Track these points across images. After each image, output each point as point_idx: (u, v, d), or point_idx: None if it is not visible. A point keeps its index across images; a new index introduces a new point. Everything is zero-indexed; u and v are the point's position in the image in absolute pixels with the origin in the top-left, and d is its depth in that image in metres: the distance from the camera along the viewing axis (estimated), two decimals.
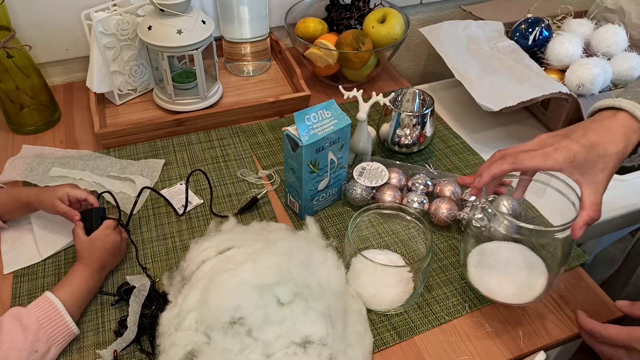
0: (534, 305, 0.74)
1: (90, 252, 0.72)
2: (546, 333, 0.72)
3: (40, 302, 0.65)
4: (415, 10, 1.37)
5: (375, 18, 1.10)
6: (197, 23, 0.95)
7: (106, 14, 0.96)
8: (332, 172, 0.84)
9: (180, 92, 1.04)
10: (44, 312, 0.64)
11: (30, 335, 0.61)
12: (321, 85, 1.16)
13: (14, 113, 1.00)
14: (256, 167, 0.96)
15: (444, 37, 1.12)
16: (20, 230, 0.82)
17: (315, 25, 1.13)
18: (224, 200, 0.89)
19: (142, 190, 0.82)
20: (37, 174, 0.90)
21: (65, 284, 0.68)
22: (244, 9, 1.07)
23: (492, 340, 0.71)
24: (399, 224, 0.83)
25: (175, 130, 1.01)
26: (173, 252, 0.80)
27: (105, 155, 0.96)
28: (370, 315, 0.73)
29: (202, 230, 0.84)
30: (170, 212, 0.86)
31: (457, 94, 1.17)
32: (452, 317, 0.73)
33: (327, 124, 0.78)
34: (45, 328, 0.63)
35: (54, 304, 0.65)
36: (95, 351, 0.67)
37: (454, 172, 0.95)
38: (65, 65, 1.15)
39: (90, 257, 0.72)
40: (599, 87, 0.99)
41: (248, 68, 1.17)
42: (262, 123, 1.05)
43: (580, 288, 0.77)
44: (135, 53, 1.04)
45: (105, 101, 1.07)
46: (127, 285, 0.72)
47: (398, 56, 1.45)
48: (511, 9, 1.24)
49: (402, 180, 0.88)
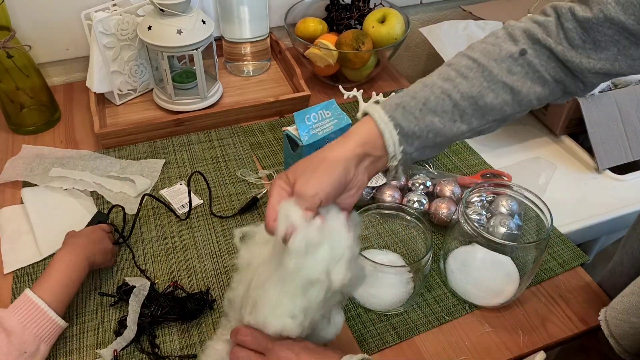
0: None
1: (74, 238, 0.72)
2: (546, 333, 0.72)
3: (20, 302, 0.63)
4: (415, 10, 1.37)
5: (375, 18, 1.10)
6: (197, 23, 0.95)
7: (106, 14, 0.96)
8: None
9: (180, 92, 1.04)
10: (25, 313, 0.62)
11: (16, 338, 0.60)
12: (321, 85, 1.16)
13: (14, 113, 1.00)
14: (256, 167, 0.96)
15: (444, 37, 1.12)
16: (19, 230, 0.82)
17: (315, 25, 1.13)
18: (224, 200, 0.89)
19: (143, 199, 0.83)
20: (37, 174, 0.90)
21: (44, 279, 0.66)
22: (244, 9, 1.07)
23: (492, 340, 0.71)
24: (399, 224, 0.83)
25: (175, 130, 1.01)
26: (173, 252, 0.80)
27: (105, 155, 0.96)
28: (370, 315, 0.73)
29: (202, 230, 0.84)
30: (170, 212, 0.86)
31: None
32: (452, 317, 0.73)
33: (327, 124, 0.78)
34: (30, 328, 0.62)
35: (35, 302, 0.63)
36: (95, 351, 0.67)
37: (454, 172, 0.95)
38: (65, 65, 1.15)
39: (73, 243, 0.71)
40: (598, 87, 0.99)
41: (248, 68, 1.17)
42: (262, 123, 1.05)
43: (580, 288, 0.77)
44: (135, 53, 1.04)
45: (105, 101, 1.07)
46: (126, 285, 0.72)
47: (398, 56, 1.45)
48: (511, 9, 1.24)
49: (402, 180, 0.88)
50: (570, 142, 1.04)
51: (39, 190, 0.87)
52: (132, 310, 0.68)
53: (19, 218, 0.84)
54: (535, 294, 0.76)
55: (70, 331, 0.69)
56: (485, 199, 0.82)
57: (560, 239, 0.84)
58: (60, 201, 0.86)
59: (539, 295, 0.76)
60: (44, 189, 0.87)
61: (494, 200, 0.82)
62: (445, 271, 0.77)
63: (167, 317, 0.70)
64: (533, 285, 0.77)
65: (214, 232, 0.83)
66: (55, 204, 0.85)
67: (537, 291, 0.77)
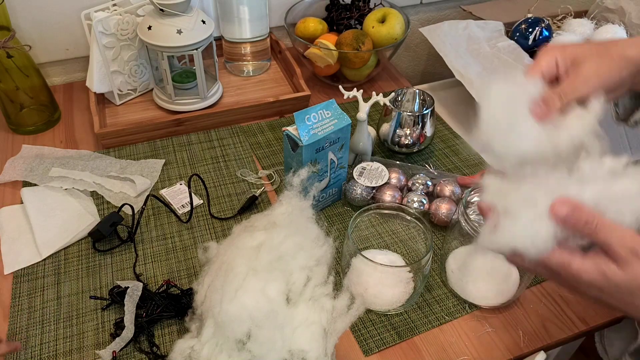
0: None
1: None
2: (546, 333, 0.72)
3: None
4: (415, 10, 1.37)
5: (375, 18, 1.10)
6: (197, 23, 0.95)
7: (106, 14, 0.96)
8: (332, 172, 0.84)
9: (180, 92, 1.04)
10: None
11: None
12: (321, 85, 1.16)
13: (14, 113, 1.00)
14: (256, 167, 0.96)
15: (444, 37, 1.12)
16: (19, 230, 0.82)
17: (315, 25, 1.13)
18: (224, 200, 0.89)
19: (147, 198, 0.83)
20: (36, 174, 0.90)
21: None
22: (244, 8, 1.07)
23: (492, 340, 0.71)
24: (399, 224, 0.83)
25: (175, 130, 1.01)
26: (173, 252, 0.80)
27: (105, 155, 0.96)
28: (370, 315, 0.73)
29: (202, 230, 0.84)
30: (170, 212, 0.86)
31: (457, 94, 1.17)
32: (452, 317, 0.73)
33: (327, 124, 0.78)
34: None
35: None
36: (95, 352, 0.67)
37: (454, 172, 0.95)
38: (65, 65, 1.15)
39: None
40: None
41: (248, 68, 1.17)
42: (262, 123, 1.05)
43: None
44: (135, 53, 1.04)
45: (105, 101, 1.07)
46: (119, 288, 0.72)
47: (398, 56, 1.45)
48: (511, 9, 1.24)
49: (402, 180, 0.88)
50: None
51: (38, 190, 0.87)
52: (128, 310, 0.68)
53: (19, 218, 0.84)
54: (535, 294, 0.76)
55: (70, 331, 0.69)
56: None
57: None
58: (60, 201, 0.86)
59: (539, 295, 0.76)
60: (43, 188, 0.87)
61: None
62: (445, 271, 0.77)
63: (162, 315, 0.70)
64: (533, 285, 0.77)
65: (214, 232, 0.83)
66: (55, 203, 0.85)
67: (537, 291, 0.77)
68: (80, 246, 0.80)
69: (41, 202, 0.85)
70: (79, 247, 0.80)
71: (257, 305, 0.55)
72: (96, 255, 0.79)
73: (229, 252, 0.61)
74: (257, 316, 0.55)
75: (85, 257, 0.79)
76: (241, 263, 0.58)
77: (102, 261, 0.78)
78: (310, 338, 0.57)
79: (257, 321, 0.55)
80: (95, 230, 0.78)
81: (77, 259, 0.78)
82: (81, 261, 0.78)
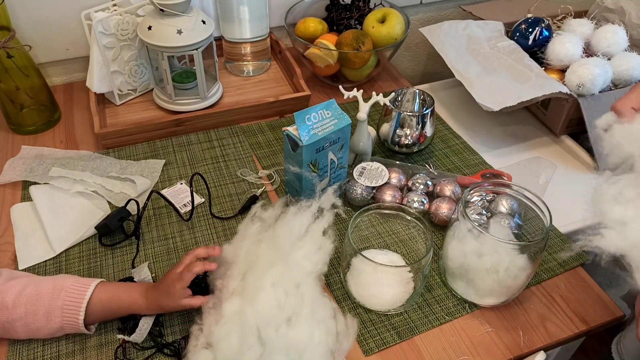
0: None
1: (165, 292, 0.67)
2: (546, 333, 0.72)
3: (80, 281, 0.67)
4: (415, 10, 1.37)
5: (375, 18, 1.10)
6: (197, 23, 0.95)
7: (106, 14, 0.96)
8: (332, 172, 0.84)
9: (180, 92, 1.04)
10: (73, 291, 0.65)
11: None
12: (321, 85, 1.17)
13: (13, 113, 1.00)
14: (256, 167, 0.96)
15: (444, 37, 1.12)
16: (32, 227, 0.82)
17: (315, 25, 1.13)
18: (224, 200, 0.89)
19: (150, 195, 0.83)
20: (36, 174, 0.90)
21: (114, 288, 0.68)
22: (244, 9, 1.07)
23: (492, 340, 0.71)
24: (399, 224, 0.83)
25: (175, 130, 1.01)
26: (174, 252, 0.80)
27: (105, 155, 0.96)
28: (370, 315, 0.73)
29: (203, 230, 0.84)
30: (171, 212, 0.86)
31: (457, 94, 1.17)
32: (452, 317, 0.73)
33: (327, 124, 0.78)
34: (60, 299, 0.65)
35: (87, 289, 0.66)
36: (117, 336, 0.68)
37: (454, 172, 0.95)
38: (65, 65, 1.15)
39: (157, 297, 0.67)
40: (599, 87, 0.99)
41: (248, 68, 1.17)
42: (262, 123, 1.05)
43: (580, 288, 0.77)
44: (135, 53, 1.04)
45: (105, 101, 1.07)
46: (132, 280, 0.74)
47: (398, 56, 1.45)
48: (511, 9, 1.24)
49: (402, 180, 0.88)
50: (570, 142, 1.04)
51: (46, 187, 0.87)
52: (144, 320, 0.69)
53: (30, 215, 0.84)
54: (535, 294, 0.76)
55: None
56: (485, 199, 0.82)
57: (560, 239, 0.84)
58: (68, 198, 0.86)
59: (539, 295, 0.76)
60: (51, 186, 0.88)
61: (494, 200, 0.82)
62: (445, 271, 0.77)
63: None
64: (533, 285, 0.77)
65: (214, 232, 0.83)
66: (64, 199, 0.86)
67: (537, 291, 0.77)
68: (81, 246, 0.80)
69: (50, 199, 0.86)
70: (80, 246, 0.80)
71: None
72: (100, 254, 0.79)
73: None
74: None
75: (86, 256, 0.79)
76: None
77: (103, 262, 0.78)
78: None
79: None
80: (103, 224, 0.79)
81: (79, 260, 0.79)
82: (82, 261, 0.78)
